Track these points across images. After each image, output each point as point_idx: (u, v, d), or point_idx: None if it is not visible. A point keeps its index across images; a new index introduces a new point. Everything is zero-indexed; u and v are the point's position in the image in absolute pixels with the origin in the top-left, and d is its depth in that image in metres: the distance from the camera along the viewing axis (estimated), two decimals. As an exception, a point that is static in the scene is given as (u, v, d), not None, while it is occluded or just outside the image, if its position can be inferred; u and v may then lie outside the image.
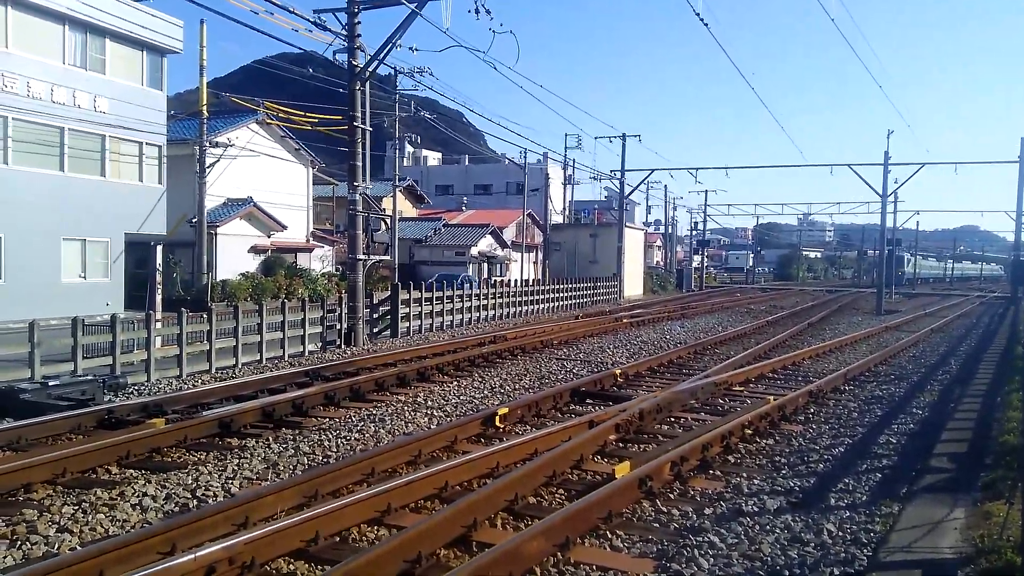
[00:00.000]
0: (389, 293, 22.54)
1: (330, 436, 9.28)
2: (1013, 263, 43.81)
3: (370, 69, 19.40)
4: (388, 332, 21.48)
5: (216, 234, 30.19)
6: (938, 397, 12.38)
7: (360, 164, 19.34)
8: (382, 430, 9.64)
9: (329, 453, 8.57)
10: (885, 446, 9.02)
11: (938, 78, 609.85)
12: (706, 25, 17.86)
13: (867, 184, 35.91)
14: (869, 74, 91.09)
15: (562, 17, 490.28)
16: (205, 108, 28.11)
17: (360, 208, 19.54)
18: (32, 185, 21.81)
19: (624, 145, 43.46)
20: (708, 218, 65.71)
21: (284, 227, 33.84)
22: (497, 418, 9.63)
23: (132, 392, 12.28)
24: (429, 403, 11.41)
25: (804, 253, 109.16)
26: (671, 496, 7.07)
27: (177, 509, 6.66)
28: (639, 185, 49.25)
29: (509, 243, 49.24)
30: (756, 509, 6.69)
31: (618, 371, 13.50)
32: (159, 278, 26.19)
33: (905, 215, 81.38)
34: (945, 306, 36.93)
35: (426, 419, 10.39)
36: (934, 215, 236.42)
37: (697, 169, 45.07)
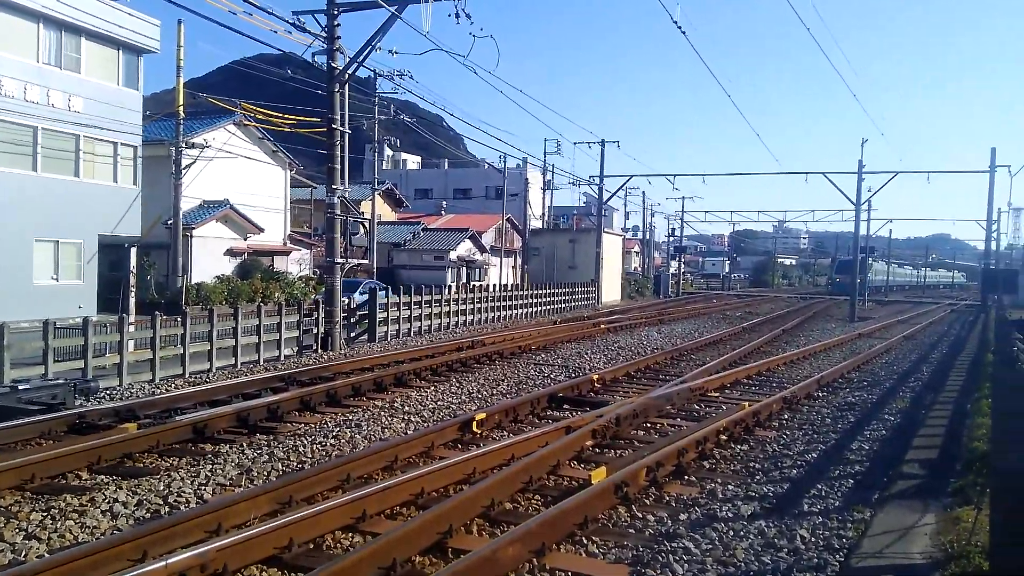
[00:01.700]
0: (367, 297, 22.42)
1: (305, 442, 9.22)
2: (983, 271, 44.57)
3: (349, 71, 19.34)
4: (366, 337, 21.39)
5: (192, 236, 29.88)
6: (910, 403, 12.54)
7: (339, 167, 19.25)
8: (358, 436, 9.59)
9: (304, 459, 8.50)
10: (858, 452, 9.12)
11: (912, 88, 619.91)
12: (683, 32, 18.01)
13: (841, 192, 36.24)
14: (844, 83, 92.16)
15: (542, 23, 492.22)
16: (182, 108, 27.79)
17: (338, 211, 19.45)
18: (4, 185, 21.43)
19: (603, 151, 43.66)
20: (685, 224, 66.10)
21: (261, 230, 33.57)
22: (474, 423, 9.62)
23: (104, 396, 12.11)
24: (406, 408, 11.36)
25: (779, 260, 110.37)
26: (647, 502, 7.11)
27: (149, 516, 6.58)
28: (617, 191, 49.54)
29: (488, 248, 49.26)
30: (730, 515, 6.74)
31: (595, 376, 13.54)
32: (133, 280, 25.94)
33: (879, 223, 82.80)
34: (917, 313, 37.43)
35: (403, 424, 10.35)
36: (907, 223, 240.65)
37: (675, 176, 45.76)
